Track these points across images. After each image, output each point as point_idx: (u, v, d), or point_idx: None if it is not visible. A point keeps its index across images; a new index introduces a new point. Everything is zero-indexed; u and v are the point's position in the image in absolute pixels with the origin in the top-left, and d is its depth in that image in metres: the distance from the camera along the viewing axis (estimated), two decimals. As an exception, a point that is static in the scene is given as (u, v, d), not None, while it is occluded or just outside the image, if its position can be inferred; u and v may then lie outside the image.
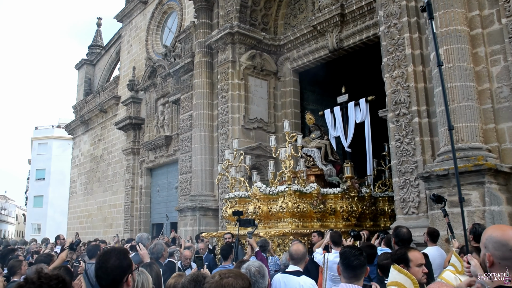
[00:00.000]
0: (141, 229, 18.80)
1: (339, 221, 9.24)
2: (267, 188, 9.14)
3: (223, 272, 2.17)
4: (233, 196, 9.85)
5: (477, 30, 7.54)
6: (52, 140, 45.51)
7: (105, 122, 23.68)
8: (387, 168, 10.85)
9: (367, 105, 10.96)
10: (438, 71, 3.06)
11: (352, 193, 9.45)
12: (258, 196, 9.08)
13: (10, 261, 5.83)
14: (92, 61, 27.36)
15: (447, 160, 7.00)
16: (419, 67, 8.36)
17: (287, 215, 8.58)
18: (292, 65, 13.24)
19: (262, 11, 13.45)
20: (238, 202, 9.73)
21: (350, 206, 9.31)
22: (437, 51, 3.11)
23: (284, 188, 8.68)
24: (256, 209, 9.00)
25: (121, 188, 20.72)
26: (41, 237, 22.63)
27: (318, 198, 9.00)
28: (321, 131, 11.27)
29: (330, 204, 9.24)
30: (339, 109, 11.57)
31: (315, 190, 8.97)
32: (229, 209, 9.74)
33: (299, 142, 9.31)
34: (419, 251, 3.69)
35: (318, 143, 10.79)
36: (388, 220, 10.16)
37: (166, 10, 19.68)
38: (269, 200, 9.05)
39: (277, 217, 8.80)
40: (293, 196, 8.58)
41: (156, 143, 17.95)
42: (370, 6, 10.68)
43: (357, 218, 9.44)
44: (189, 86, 15.02)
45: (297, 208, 8.52)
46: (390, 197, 10.31)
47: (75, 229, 23.97)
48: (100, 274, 2.48)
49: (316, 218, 8.98)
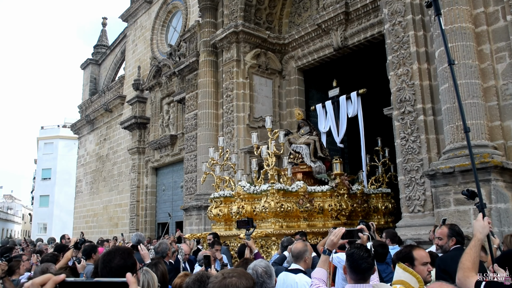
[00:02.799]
0: (147, 228, 18.88)
1: (328, 220, 8.86)
2: (251, 187, 8.78)
3: (227, 272, 2.16)
4: (218, 195, 9.48)
5: (482, 27, 7.51)
6: (58, 139, 45.67)
7: (111, 122, 23.76)
8: (380, 163, 10.61)
9: (359, 99, 10.77)
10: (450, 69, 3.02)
11: (341, 190, 9.05)
12: (242, 195, 8.74)
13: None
14: (98, 60, 27.45)
15: (453, 157, 6.97)
16: (424, 64, 8.33)
17: (270, 215, 8.22)
18: (297, 63, 13.22)
19: (267, 10, 13.44)
20: (224, 201, 9.37)
21: (339, 204, 8.90)
22: (447, 48, 3.07)
23: (267, 187, 8.34)
24: (239, 209, 8.66)
25: (126, 187, 20.79)
26: (47, 236, 22.75)
27: (305, 197, 8.65)
28: (310, 127, 10.92)
29: (318, 203, 8.85)
30: (330, 104, 11.38)
31: (301, 188, 8.62)
32: (214, 209, 9.42)
33: (282, 139, 8.92)
34: (424, 250, 3.68)
35: (307, 139, 10.37)
36: (382, 218, 9.94)
37: (171, 9, 19.72)
38: (254, 200, 8.68)
39: (261, 217, 8.41)
40: (276, 195, 8.22)
41: (162, 142, 18.00)
42: (375, 4, 10.64)
43: (347, 217, 9.06)
44: (194, 85, 15.04)
45: (280, 208, 8.14)
46: (383, 194, 10.08)
47: (81, 229, 24.08)
48: (104, 274, 2.48)
49: (302, 217, 8.62)
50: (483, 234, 2.93)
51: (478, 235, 2.93)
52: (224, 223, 9.41)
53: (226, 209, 9.17)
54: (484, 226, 2.94)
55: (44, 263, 5.25)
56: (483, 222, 2.96)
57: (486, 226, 2.95)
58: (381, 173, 10.56)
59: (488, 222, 2.98)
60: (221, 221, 9.45)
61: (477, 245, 2.88)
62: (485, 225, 2.95)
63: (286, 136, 10.71)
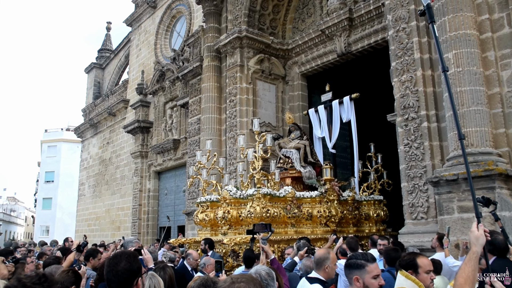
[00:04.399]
0: (149, 232, 18.89)
1: (317, 227, 8.64)
2: (238, 191, 8.53)
3: (235, 277, 2.17)
4: (205, 200, 9.20)
5: (487, 34, 7.50)
6: (61, 142, 45.81)
7: (114, 125, 23.82)
8: (373, 170, 10.42)
9: (352, 103, 10.61)
10: (444, 76, 3.02)
11: (331, 196, 8.84)
12: (229, 200, 8.46)
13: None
14: (102, 64, 27.56)
15: (457, 165, 6.95)
16: (428, 71, 8.33)
17: (256, 220, 7.83)
18: (300, 69, 13.23)
19: (271, 16, 13.47)
20: (210, 206, 9.08)
21: (328, 210, 8.67)
22: (441, 56, 3.06)
23: (253, 192, 8.09)
24: (225, 214, 8.40)
25: (129, 191, 20.82)
26: (50, 239, 22.77)
27: (293, 202, 8.40)
28: (301, 131, 10.74)
29: (306, 209, 8.61)
30: (323, 108, 11.24)
31: (289, 194, 8.39)
32: (200, 214, 9.15)
33: (269, 142, 8.64)
34: (427, 257, 3.61)
35: (297, 144, 10.20)
36: (373, 226, 9.73)
37: (175, 14, 19.80)
38: (240, 205, 8.41)
39: (247, 222, 8.10)
40: (262, 200, 7.95)
41: (164, 146, 18.02)
42: (379, 10, 10.63)
43: (337, 224, 8.81)
44: (197, 90, 15.07)
45: (266, 213, 7.86)
46: (376, 201, 9.91)
47: (83, 232, 24.09)
48: (110, 277, 2.50)
49: (290, 223, 8.35)
50: (479, 245, 2.66)
51: (473, 248, 2.67)
52: (211, 228, 9.11)
53: (213, 214, 8.85)
54: (478, 236, 2.67)
55: (51, 266, 5.25)
56: (477, 232, 2.68)
57: (481, 235, 2.68)
58: (373, 180, 10.36)
59: (484, 231, 2.69)
60: (207, 226, 9.16)
61: (473, 259, 2.61)
62: (480, 234, 2.68)
63: (276, 140, 10.55)
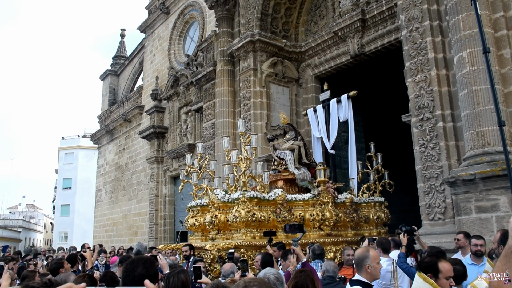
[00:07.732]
0: (166, 237, 18.98)
1: (310, 231, 8.23)
2: (226, 195, 8.23)
3: (248, 280, 2.20)
4: (195, 204, 8.94)
5: (502, 32, 7.41)
6: (78, 149, 46.42)
7: (129, 131, 24.04)
8: (373, 170, 10.03)
9: (350, 102, 10.43)
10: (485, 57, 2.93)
11: (325, 198, 8.53)
12: (217, 204, 8.20)
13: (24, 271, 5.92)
14: (116, 71, 27.86)
15: (473, 164, 6.87)
16: (443, 70, 8.25)
17: (242, 225, 7.59)
18: (314, 71, 13.22)
19: (283, 19, 13.50)
20: (200, 211, 8.83)
21: (322, 213, 8.36)
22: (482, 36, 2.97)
23: (238, 195, 7.79)
24: (213, 218, 8.13)
25: (145, 196, 20.96)
26: (68, 245, 23.04)
27: (283, 206, 8.10)
28: (295, 132, 10.45)
29: (298, 212, 8.29)
30: (321, 108, 11.10)
31: (279, 197, 8.08)
32: (190, 219, 8.94)
33: (254, 143, 8.30)
34: (448, 262, 3.40)
35: (291, 145, 9.90)
36: (374, 229, 9.43)
37: (188, 20, 19.94)
38: (228, 209, 8.14)
39: (234, 227, 7.85)
40: (247, 203, 7.64)
41: (180, 151, 18.12)
42: (391, 10, 10.58)
43: (332, 227, 8.50)
44: (211, 95, 15.15)
45: (252, 217, 7.54)
46: (376, 203, 9.60)
47: (100, 237, 24.34)
48: (127, 283, 2.53)
49: (280, 227, 7.81)
50: None
51: (510, 242, 2.02)
52: (201, 233, 8.82)
53: (202, 219, 8.62)
54: None
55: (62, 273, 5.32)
56: None
57: None
58: (374, 181, 10.01)
59: None
60: (198, 231, 8.91)
61: (508, 255, 1.99)
62: None
63: (271, 141, 10.36)
